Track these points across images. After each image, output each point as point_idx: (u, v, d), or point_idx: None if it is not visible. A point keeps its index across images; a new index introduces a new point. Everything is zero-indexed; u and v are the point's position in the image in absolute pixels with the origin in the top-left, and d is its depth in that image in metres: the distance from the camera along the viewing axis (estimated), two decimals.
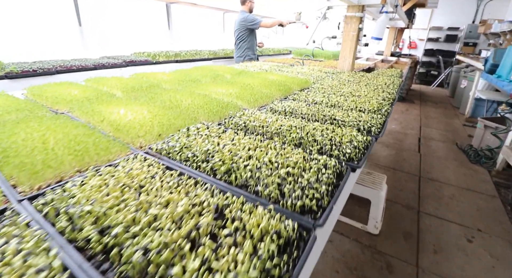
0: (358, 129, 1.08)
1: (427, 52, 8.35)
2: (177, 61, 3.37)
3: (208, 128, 0.99)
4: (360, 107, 1.36)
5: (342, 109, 1.33)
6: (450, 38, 7.95)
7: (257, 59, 3.82)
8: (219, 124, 1.09)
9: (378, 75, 2.51)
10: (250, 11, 3.53)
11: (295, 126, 1.02)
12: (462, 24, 7.74)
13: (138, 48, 3.53)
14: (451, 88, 6.89)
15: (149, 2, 3.75)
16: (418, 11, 6.17)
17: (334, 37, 2.85)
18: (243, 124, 1.05)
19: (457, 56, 7.04)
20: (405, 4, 4.38)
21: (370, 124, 1.11)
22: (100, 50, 3.29)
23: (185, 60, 3.48)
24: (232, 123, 1.07)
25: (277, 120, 1.08)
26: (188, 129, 0.97)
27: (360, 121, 1.14)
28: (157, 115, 1.05)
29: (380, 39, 2.48)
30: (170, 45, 4.17)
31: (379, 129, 1.10)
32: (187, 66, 3.52)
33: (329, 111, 1.25)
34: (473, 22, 7.59)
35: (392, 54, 5.79)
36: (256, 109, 1.30)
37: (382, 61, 5.10)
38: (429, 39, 8.22)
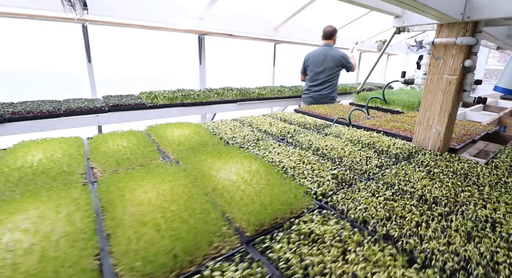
0: None
1: None
2: (183, 105, 2.62)
3: None
4: None
5: None
6: None
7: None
8: None
9: (510, 175, 1.07)
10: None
11: None
12: None
13: (159, 86, 2.99)
14: None
15: (177, 35, 3.25)
16: None
17: (410, 82, 1.54)
18: None
19: None
20: None
21: None
22: (108, 89, 2.87)
23: (195, 103, 2.69)
24: None
25: None
26: None
27: None
28: None
29: None
30: (200, 82, 3.55)
31: None
32: (196, 110, 2.75)
33: None
34: None
35: None
36: None
37: None
38: None
